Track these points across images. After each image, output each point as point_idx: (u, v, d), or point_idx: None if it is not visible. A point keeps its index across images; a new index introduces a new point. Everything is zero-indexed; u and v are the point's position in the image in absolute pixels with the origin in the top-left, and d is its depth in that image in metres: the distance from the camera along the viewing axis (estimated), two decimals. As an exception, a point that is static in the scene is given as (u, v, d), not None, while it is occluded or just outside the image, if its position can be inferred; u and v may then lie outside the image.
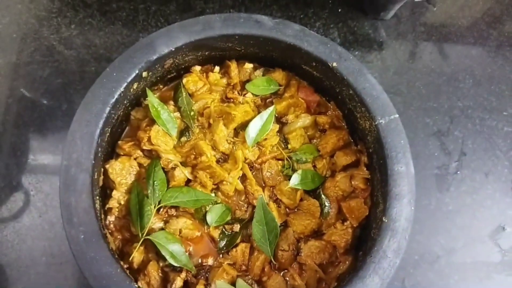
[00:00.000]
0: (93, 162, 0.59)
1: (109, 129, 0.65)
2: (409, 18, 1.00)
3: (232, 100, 0.75)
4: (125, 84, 0.63)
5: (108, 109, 0.61)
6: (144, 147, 0.70)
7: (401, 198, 0.61)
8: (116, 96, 0.62)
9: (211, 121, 0.74)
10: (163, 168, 0.69)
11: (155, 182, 0.67)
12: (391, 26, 0.99)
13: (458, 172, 0.88)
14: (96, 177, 0.62)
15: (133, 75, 0.64)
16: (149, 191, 0.67)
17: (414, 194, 0.62)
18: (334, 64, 0.67)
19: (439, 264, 0.82)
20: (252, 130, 0.72)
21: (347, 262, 0.67)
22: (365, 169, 0.72)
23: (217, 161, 0.72)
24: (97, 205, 0.60)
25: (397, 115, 0.65)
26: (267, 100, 0.77)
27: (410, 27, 0.99)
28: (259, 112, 0.74)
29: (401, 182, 0.62)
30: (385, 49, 0.97)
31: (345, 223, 0.68)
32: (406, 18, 1.00)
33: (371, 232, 0.64)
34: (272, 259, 0.66)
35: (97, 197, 0.61)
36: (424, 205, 0.85)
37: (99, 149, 0.62)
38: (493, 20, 1.03)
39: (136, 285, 0.54)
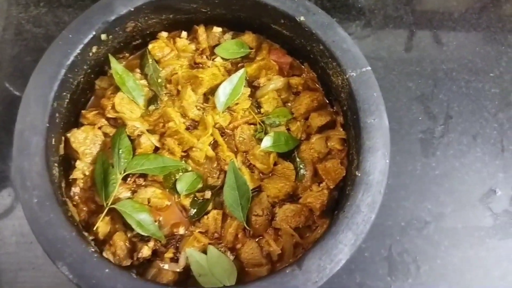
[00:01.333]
0: (48, 125, 0.56)
1: (68, 95, 0.62)
2: (388, -17, 0.97)
3: (201, 65, 0.73)
4: (82, 46, 0.60)
5: (63, 71, 0.59)
6: (109, 115, 0.67)
7: (374, 151, 0.58)
8: (72, 58, 0.60)
9: (179, 87, 0.71)
10: (129, 136, 0.66)
11: (120, 150, 0.64)
12: (370, -9, 0.96)
13: (444, 136, 0.85)
14: (54, 143, 0.59)
15: (90, 36, 0.61)
16: (114, 160, 0.64)
17: (389, 147, 0.59)
18: (302, 18, 0.64)
19: (428, 230, 0.78)
20: (222, 94, 0.69)
21: (324, 226, 0.64)
22: (341, 129, 0.69)
23: (187, 129, 0.69)
24: (55, 172, 0.58)
25: (369, 68, 0.62)
26: (238, 65, 0.74)
27: (390, -8, 0.96)
28: (229, 77, 0.71)
29: (374, 135, 0.58)
30: (364, 14, 0.94)
31: (321, 185, 0.65)
32: (385, -18, 0.97)
33: (346, 190, 0.60)
34: (246, 225, 0.63)
35: (55, 164, 0.59)
36: (409, 170, 0.82)
37: (57, 114, 0.59)
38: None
39: (92, 249, 0.51)
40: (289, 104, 0.73)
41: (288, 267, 0.52)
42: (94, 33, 0.61)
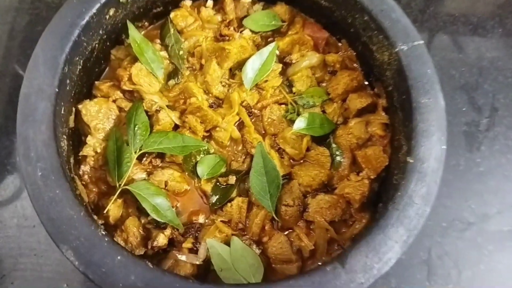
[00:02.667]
0: (57, 90, 0.49)
1: (81, 61, 0.56)
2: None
3: (227, 38, 0.65)
4: (98, 6, 0.54)
5: (77, 32, 0.52)
6: (125, 87, 0.60)
7: (429, 135, 0.50)
8: (86, 19, 0.53)
9: (203, 61, 0.65)
10: (146, 112, 0.59)
11: (136, 126, 0.58)
12: (409, -29, 0.88)
13: (490, 130, 0.77)
14: (63, 112, 0.52)
15: (108, -5, 0.54)
16: (129, 136, 0.57)
17: (445, 131, 0.52)
18: (346, -15, 0.57)
19: (471, 232, 0.71)
20: (250, 70, 0.62)
21: (363, 221, 0.56)
22: (383, 113, 0.61)
23: (210, 107, 0.62)
24: (63, 144, 0.51)
25: (421, 41, 0.55)
26: (268, 39, 0.67)
27: (430, -29, 0.89)
28: (258, 51, 0.64)
29: (429, 117, 0.51)
30: (402, -5, 0.86)
31: (361, 174, 0.58)
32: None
33: (392, 180, 0.53)
34: (274, 215, 0.56)
35: (64, 136, 0.52)
36: (452, 165, 0.75)
37: (67, 80, 0.53)
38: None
39: (103, 232, 0.44)
40: (324, 84, 0.66)
41: (328, 265, 0.45)
42: (113, -8, 0.55)
